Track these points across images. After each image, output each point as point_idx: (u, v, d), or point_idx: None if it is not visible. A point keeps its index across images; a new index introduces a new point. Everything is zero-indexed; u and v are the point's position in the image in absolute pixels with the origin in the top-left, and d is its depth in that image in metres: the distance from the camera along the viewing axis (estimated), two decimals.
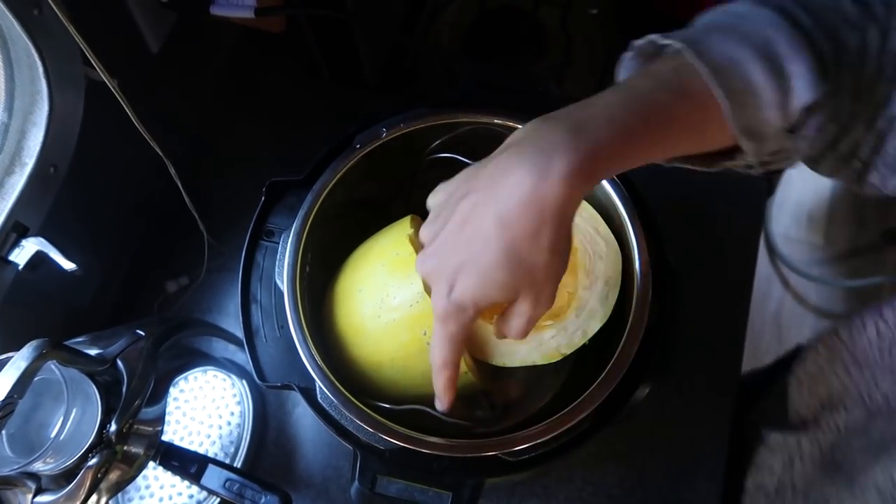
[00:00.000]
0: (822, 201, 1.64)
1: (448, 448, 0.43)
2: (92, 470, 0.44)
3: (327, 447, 0.65)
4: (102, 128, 0.56)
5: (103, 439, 0.45)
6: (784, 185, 1.64)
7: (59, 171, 0.54)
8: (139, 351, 0.49)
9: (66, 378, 0.44)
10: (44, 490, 0.45)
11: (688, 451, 0.63)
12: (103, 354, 0.48)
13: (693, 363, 0.65)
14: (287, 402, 0.67)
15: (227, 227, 0.68)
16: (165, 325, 0.53)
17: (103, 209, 0.66)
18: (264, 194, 0.50)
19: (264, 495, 0.49)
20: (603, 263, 0.49)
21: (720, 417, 0.63)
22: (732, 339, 0.67)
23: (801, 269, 1.57)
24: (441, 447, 0.43)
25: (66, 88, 0.52)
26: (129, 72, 0.51)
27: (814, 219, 1.63)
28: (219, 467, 0.50)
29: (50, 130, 0.52)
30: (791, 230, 1.62)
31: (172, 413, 0.63)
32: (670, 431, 0.64)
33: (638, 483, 0.63)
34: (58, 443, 0.43)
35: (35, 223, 0.54)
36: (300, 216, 0.49)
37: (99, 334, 0.50)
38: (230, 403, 0.64)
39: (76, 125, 0.55)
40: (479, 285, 0.36)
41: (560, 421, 0.43)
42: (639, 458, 0.63)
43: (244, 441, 0.64)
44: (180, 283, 0.71)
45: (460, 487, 0.42)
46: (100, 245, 0.67)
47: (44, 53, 0.49)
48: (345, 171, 0.51)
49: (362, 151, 0.52)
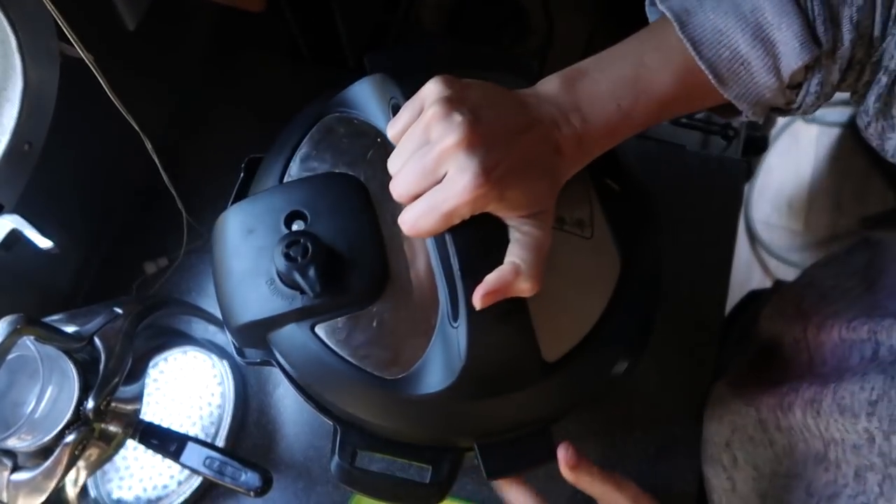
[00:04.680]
0: (802, 189, 1.66)
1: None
2: (69, 447, 0.44)
3: (309, 427, 0.65)
4: (79, 105, 0.55)
5: (80, 416, 0.45)
6: (764, 173, 1.66)
7: (34, 148, 0.54)
8: (117, 329, 0.49)
9: (41, 355, 0.44)
10: (20, 468, 0.45)
11: (666, 428, 0.64)
12: (80, 332, 0.47)
13: (672, 341, 0.66)
14: (268, 384, 0.67)
15: (206, 207, 0.67)
16: (143, 304, 0.53)
17: (80, 188, 0.65)
18: (243, 170, 0.50)
19: (244, 472, 0.49)
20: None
21: (698, 395, 0.64)
22: (711, 319, 0.68)
23: (781, 254, 1.59)
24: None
25: (40, 64, 0.52)
26: (105, 49, 0.51)
27: (793, 206, 1.65)
28: (198, 445, 0.50)
29: (24, 107, 0.51)
30: (771, 217, 1.64)
31: (152, 394, 0.63)
32: (649, 410, 0.65)
33: (617, 461, 0.63)
34: (33, 419, 0.43)
35: (10, 201, 0.53)
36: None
37: (75, 312, 0.50)
38: (211, 384, 0.64)
39: (51, 102, 0.54)
40: (525, 187, 0.36)
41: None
42: (618, 436, 0.64)
43: (225, 422, 0.64)
44: (159, 264, 0.70)
45: (440, 461, 0.43)
46: (77, 225, 0.67)
47: (17, 27, 0.48)
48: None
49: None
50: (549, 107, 0.37)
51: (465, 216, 0.35)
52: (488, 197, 0.34)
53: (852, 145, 1.68)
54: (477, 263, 0.36)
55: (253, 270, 0.41)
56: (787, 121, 1.69)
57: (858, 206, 1.63)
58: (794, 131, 1.70)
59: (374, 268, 0.41)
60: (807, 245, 1.61)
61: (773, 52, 0.35)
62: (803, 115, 0.39)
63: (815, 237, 1.62)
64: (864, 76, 0.38)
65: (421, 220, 0.35)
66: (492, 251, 0.37)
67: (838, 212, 1.64)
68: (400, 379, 0.40)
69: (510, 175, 0.34)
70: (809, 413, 0.44)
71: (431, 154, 0.34)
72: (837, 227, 1.62)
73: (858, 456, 0.41)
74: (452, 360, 0.38)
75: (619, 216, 0.45)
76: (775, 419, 0.49)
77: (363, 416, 0.42)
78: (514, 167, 0.35)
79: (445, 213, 0.35)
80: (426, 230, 0.36)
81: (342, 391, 0.42)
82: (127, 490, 0.60)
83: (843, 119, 1.70)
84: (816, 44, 0.35)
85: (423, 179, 0.35)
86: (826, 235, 1.62)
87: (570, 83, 0.38)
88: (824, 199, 1.65)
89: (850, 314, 0.46)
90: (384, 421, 0.41)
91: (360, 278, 0.40)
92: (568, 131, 0.37)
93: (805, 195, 1.66)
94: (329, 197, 0.42)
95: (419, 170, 0.35)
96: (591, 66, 0.38)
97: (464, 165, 0.34)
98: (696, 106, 0.40)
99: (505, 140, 0.35)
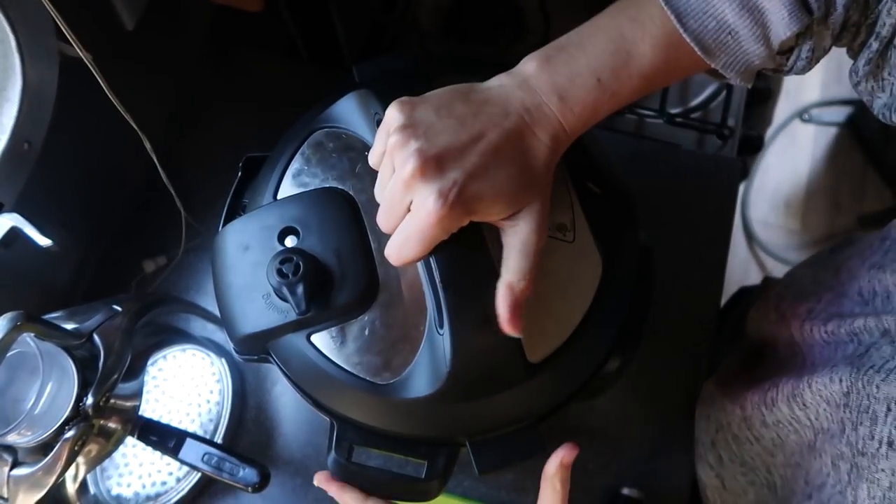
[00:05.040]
0: (800, 188, 1.67)
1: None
2: (69, 442, 0.44)
3: (307, 425, 0.66)
4: (78, 105, 0.56)
5: (80, 412, 0.45)
6: (762, 172, 1.66)
7: (33, 147, 0.54)
8: (116, 326, 0.49)
9: (41, 351, 0.44)
10: (20, 463, 0.45)
11: (662, 424, 0.64)
12: (79, 329, 0.48)
13: (667, 339, 0.67)
14: (266, 381, 0.67)
15: (204, 206, 0.68)
16: (142, 301, 0.53)
17: (79, 187, 0.65)
18: (241, 170, 0.50)
19: (242, 468, 0.49)
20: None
21: (693, 392, 0.65)
22: (706, 318, 0.68)
23: (779, 254, 1.59)
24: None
25: (39, 63, 0.52)
26: (103, 49, 0.51)
27: (791, 205, 1.66)
28: (197, 441, 0.51)
29: (23, 106, 0.52)
30: (769, 216, 1.64)
31: (151, 392, 0.63)
32: (644, 407, 0.65)
33: (613, 457, 0.64)
34: (33, 415, 0.43)
35: (9, 199, 0.53)
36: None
37: (75, 309, 0.50)
38: (209, 382, 0.65)
39: (50, 101, 0.54)
40: (492, 194, 0.36)
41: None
42: (613, 433, 0.64)
43: (223, 419, 0.64)
44: (158, 262, 0.70)
45: (435, 457, 0.43)
46: (76, 223, 0.67)
47: (16, 27, 0.48)
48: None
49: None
50: (521, 93, 0.37)
51: (443, 237, 0.36)
52: (453, 217, 0.35)
53: (849, 144, 1.68)
54: (456, 273, 0.38)
55: (250, 285, 0.43)
56: (784, 120, 1.70)
57: (856, 204, 1.64)
58: (792, 130, 1.71)
59: (363, 279, 0.42)
60: (804, 244, 1.61)
61: (761, 22, 0.35)
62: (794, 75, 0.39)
63: (812, 236, 1.62)
64: (860, 37, 0.37)
65: (402, 251, 0.37)
66: (471, 260, 0.38)
67: (835, 211, 1.64)
68: (391, 384, 0.41)
69: (470, 190, 0.35)
70: (796, 405, 0.45)
71: (397, 186, 0.36)
72: (835, 226, 1.63)
73: (833, 445, 0.42)
74: (439, 366, 0.39)
75: (600, 218, 0.45)
76: (760, 415, 0.49)
77: (358, 419, 0.43)
78: (474, 179, 0.35)
79: (420, 241, 0.36)
80: (410, 258, 0.37)
81: (338, 395, 0.43)
82: (126, 487, 0.61)
83: (840, 118, 1.70)
84: (807, 11, 0.34)
85: (396, 211, 0.37)
86: (823, 234, 1.62)
87: (547, 61, 0.38)
88: (821, 199, 1.65)
89: (824, 314, 0.47)
90: (378, 423, 0.43)
91: (349, 290, 0.42)
92: (541, 118, 0.37)
93: (802, 194, 1.66)
94: (320, 212, 0.44)
95: (389, 203, 0.37)
96: (570, 41, 0.38)
97: (423, 194, 0.35)
98: (679, 76, 0.39)
99: (458, 156, 0.35)
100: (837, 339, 0.45)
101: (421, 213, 0.35)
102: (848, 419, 0.40)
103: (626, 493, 0.61)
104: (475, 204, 0.35)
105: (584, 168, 0.47)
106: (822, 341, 0.47)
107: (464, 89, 0.38)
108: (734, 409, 0.52)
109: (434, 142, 0.35)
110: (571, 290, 0.44)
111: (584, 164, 0.47)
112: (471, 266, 0.39)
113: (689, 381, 0.66)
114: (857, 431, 0.39)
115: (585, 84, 0.37)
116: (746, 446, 0.52)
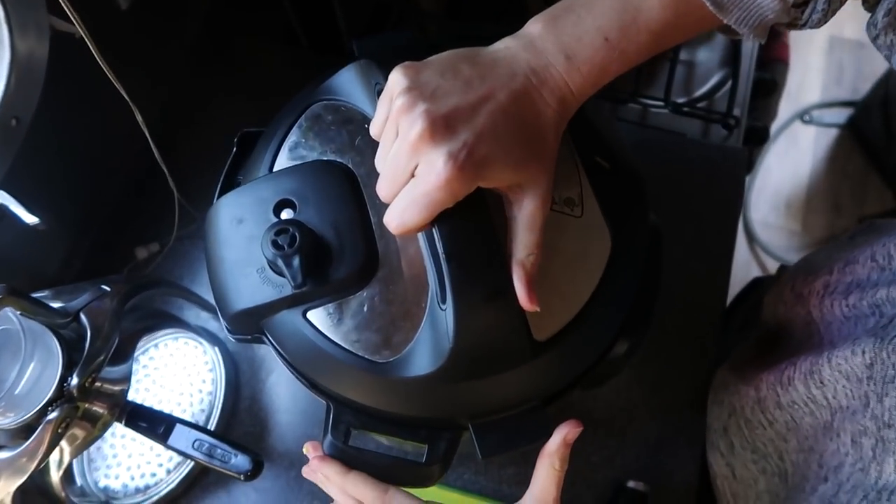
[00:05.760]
0: (800, 189, 1.66)
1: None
2: (52, 424, 0.42)
3: (302, 416, 0.64)
4: (70, 81, 0.54)
5: (64, 393, 0.43)
6: (763, 173, 1.65)
7: (21, 123, 0.52)
8: (104, 306, 0.47)
9: (24, 328, 0.42)
10: (1, 447, 0.43)
11: (667, 417, 0.63)
12: (66, 308, 0.46)
13: (674, 329, 0.65)
14: (260, 371, 0.65)
15: (199, 190, 0.66)
16: (132, 283, 0.51)
17: (70, 167, 0.64)
18: (236, 145, 0.49)
19: (234, 455, 0.47)
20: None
21: (700, 383, 0.63)
22: (713, 307, 0.67)
23: (779, 254, 1.58)
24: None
25: (29, 36, 0.50)
26: (97, 27, 0.49)
27: (792, 206, 1.65)
28: (187, 427, 0.49)
29: (11, 80, 0.50)
30: (769, 217, 1.63)
31: (142, 381, 0.61)
32: (650, 398, 0.63)
33: (618, 450, 0.62)
34: (13, 395, 0.41)
35: None
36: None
37: (62, 288, 0.48)
38: (202, 371, 0.63)
39: (40, 76, 0.53)
40: (502, 155, 0.35)
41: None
42: (618, 425, 0.63)
43: (216, 409, 0.62)
44: (150, 249, 0.69)
45: (436, 440, 0.41)
46: (66, 205, 0.65)
47: None
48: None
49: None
50: (526, 55, 0.36)
51: (448, 204, 0.35)
52: (462, 180, 0.34)
53: (851, 146, 1.67)
54: (460, 245, 0.36)
55: (243, 259, 0.41)
56: (785, 121, 1.69)
57: (856, 206, 1.63)
58: (793, 132, 1.70)
59: (362, 253, 0.41)
60: (805, 245, 1.60)
61: None
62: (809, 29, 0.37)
63: (813, 237, 1.61)
64: None
65: (405, 216, 0.35)
66: (476, 232, 0.37)
67: (836, 212, 1.63)
68: (391, 362, 0.39)
69: (480, 152, 0.34)
70: (813, 383, 0.43)
71: (402, 150, 0.34)
72: (835, 227, 1.62)
73: (854, 422, 0.40)
74: (442, 342, 0.37)
75: (609, 194, 0.44)
76: (775, 396, 0.48)
77: (356, 399, 0.41)
78: (484, 141, 0.34)
79: (425, 206, 0.34)
80: (411, 226, 0.35)
81: (335, 375, 0.41)
82: (114, 479, 0.59)
83: (841, 120, 1.69)
84: None
85: (399, 177, 0.35)
86: (824, 236, 1.61)
87: (553, 22, 0.37)
88: (822, 200, 1.65)
89: (841, 286, 0.45)
90: (377, 403, 0.41)
91: (347, 264, 0.40)
92: (548, 78, 0.36)
93: (803, 195, 1.66)
94: (317, 185, 0.42)
95: (392, 169, 0.35)
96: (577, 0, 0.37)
97: (431, 157, 0.33)
98: (690, 34, 0.38)
99: (467, 117, 0.34)
100: (858, 313, 0.43)
101: (429, 176, 0.33)
102: (872, 391, 0.38)
103: (631, 486, 0.59)
104: (485, 167, 0.34)
105: (592, 143, 0.45)
106: (843, 317, 0.45)
107: (469, 53, 0.37)
108: (748, 390, 0.51)
109: (442, 103, 0.34)
110: (579, 266, 0.42)
111: (591, 139, 0.45)
112: (476, 238, 0.37)
113: (695, 373, 0.64)
114: (883, 403, 0.37)
115: (593, 43, 0.36)
116: (759, 431, 0.51)
